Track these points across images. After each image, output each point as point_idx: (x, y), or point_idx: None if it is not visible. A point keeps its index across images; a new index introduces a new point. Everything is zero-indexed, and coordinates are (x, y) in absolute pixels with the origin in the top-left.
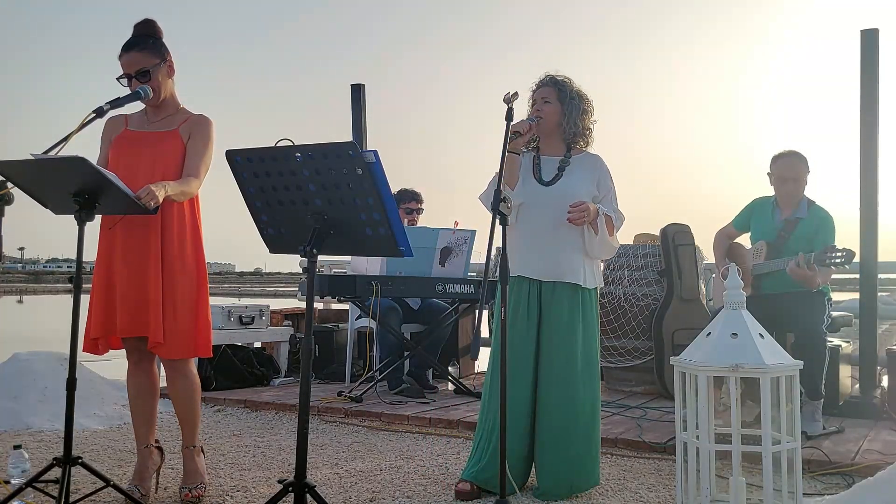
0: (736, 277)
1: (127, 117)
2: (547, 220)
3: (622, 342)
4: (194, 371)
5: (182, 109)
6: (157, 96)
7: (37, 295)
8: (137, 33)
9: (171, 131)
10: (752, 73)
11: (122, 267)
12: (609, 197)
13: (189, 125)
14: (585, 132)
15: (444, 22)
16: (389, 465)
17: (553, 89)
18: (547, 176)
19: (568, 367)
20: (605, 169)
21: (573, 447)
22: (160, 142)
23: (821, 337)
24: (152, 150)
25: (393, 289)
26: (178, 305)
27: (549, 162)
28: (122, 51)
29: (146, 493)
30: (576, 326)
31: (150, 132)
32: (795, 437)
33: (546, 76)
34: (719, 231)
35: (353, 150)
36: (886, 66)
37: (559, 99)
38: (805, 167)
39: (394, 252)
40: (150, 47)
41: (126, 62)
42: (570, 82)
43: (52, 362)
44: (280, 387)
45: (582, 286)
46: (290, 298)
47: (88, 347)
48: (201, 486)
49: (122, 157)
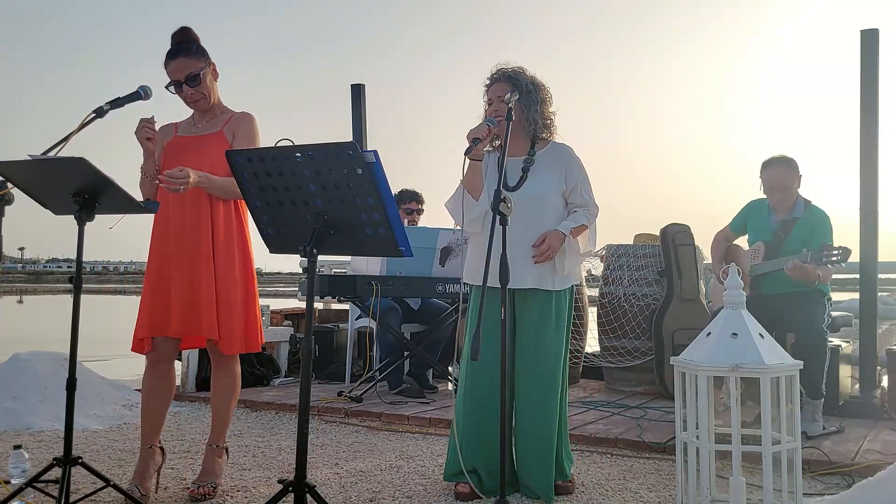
0: (736, 277)
1: (176, 125)
2: (514, 226)
3: (622, 342)
4: (238, 369)
5: (225, 109)
6: (207, 101)
7: (37, 295)
8: (180, 40)
9: (217, 133)
10: (752, 72)
11: (175, 270)
12: (578, 188)
13: (233, 124)
14: (547, 122)
15: (445, 21)
16: (389, 465)
17: (507, 84)
18: (512, 180)
19: (542, 373)
20: (573, 157)
21: (550, 452)
22: (207, 145)
23: (821, 336)
24: (199, 155)
25: (393, 289)
26: (231, 304)
27: (514, 164)
28: (168, 59)
29: (146, 493)
30: (548, 331)
31: (197, 136)
32: (795, 437)
33: (497, 71)
34: (717, 234)
35: (353, 150)
36: (886, 66)
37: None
38: (794, 173)
39: (394, 252)
40: (195, 52)
41: (175, 69)
42: (523, 72)
43: (52, 362)
44: (280, 387)
45: (552, 290)
46: (290, 298)
47: (136, 347)
48: (211, 485)
49: (172, 163)
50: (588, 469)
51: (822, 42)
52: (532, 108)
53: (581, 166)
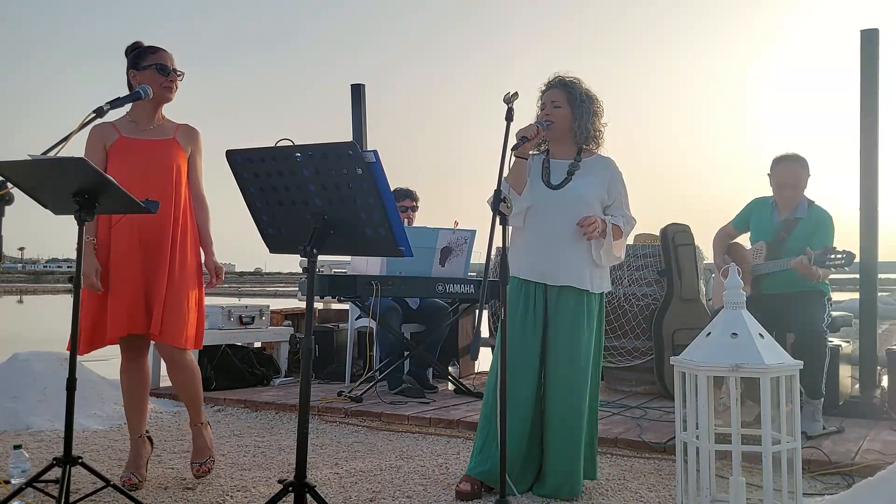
0: (736, 277)
1: (114, 124)
2: (555, 223)
3: (622, 342)
4: (191, 359)
5: (164, 116)
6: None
7: (37, 295)
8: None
9: (170, 140)
10: (752, 72)
11: (136, 269)
12: (619, 201)
13: (184, 135)
14: (596, 134)
15: (445, 21)
16: (389, 465)
17: (563, 92)
18: (556, 179)
19: (573, 370)
20: (616, 172)
21: (578, 449)
22: (161, 150)
23: (821, 336)
24: (153, 159)
25: (393, 289)
26: (180, 302)
27: (559, 165)
28: (155, 48)
29: (142, 480)
30: (580, 330)
31: (150, 140)
32: (795, 437)
33: (555, 78)
34: (719, 231)
35: (353, 150)
36: (886, 66)
37: (569, 102)
38: (805, 172)
39: (394, 252)
40: None
41: (167, 57)
42: (579, 84)
43: (52, 362)
44: (280, 387)
45: (588, 291)
46: (290, 298)
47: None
48: (210, 460)
49: (123, 164)
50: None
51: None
52: (584, 118)
53: (623, 182)
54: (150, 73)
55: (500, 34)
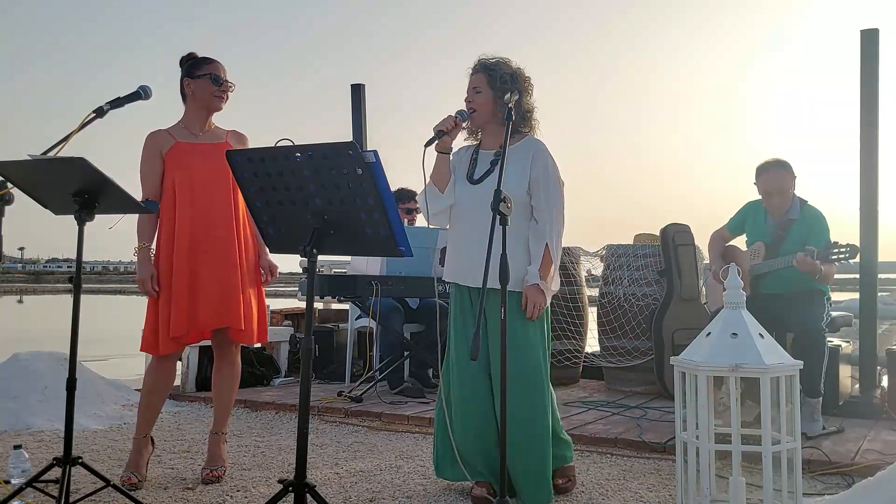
0: (736, 277)
1: (168, 131)
2: (478, 221)
3: (622, 342)
4: (240, 360)
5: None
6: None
7: (37, 295)
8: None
9: (224, 143)
10: (752, 72)
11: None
12: (541, 193)
13: (235, 140)
14: (526, 116)
15: (446, 20)
16: (389, 465)
17: (483, 75)
18: (478, 173)
19: (522, 372)
20: (541, 155)
21: (538, 449)
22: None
23: (820, 335)
24: (211, 162)
25: (393, 289)
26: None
27: (485, 157)
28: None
29: (142, 480)
30: (515, 330)
31: (206, 143)
32: (795, 437)
33: (476, 62)
34: (713, 234)
35: (353, 150)
36: (886, 66)
37: (489, 84)
38: (790, 175)
39: (394, 252)
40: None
41: (220, 68)
42: (502, 64)
43: (52, 362)
44: (280, 387)
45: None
46: (290, 298)
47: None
48: (221, 468)
49: (183, 167)
50: (588, 469)
51: (823, 42)
52: (507, 99)
53: (549, 165)
54: (204, 82)
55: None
